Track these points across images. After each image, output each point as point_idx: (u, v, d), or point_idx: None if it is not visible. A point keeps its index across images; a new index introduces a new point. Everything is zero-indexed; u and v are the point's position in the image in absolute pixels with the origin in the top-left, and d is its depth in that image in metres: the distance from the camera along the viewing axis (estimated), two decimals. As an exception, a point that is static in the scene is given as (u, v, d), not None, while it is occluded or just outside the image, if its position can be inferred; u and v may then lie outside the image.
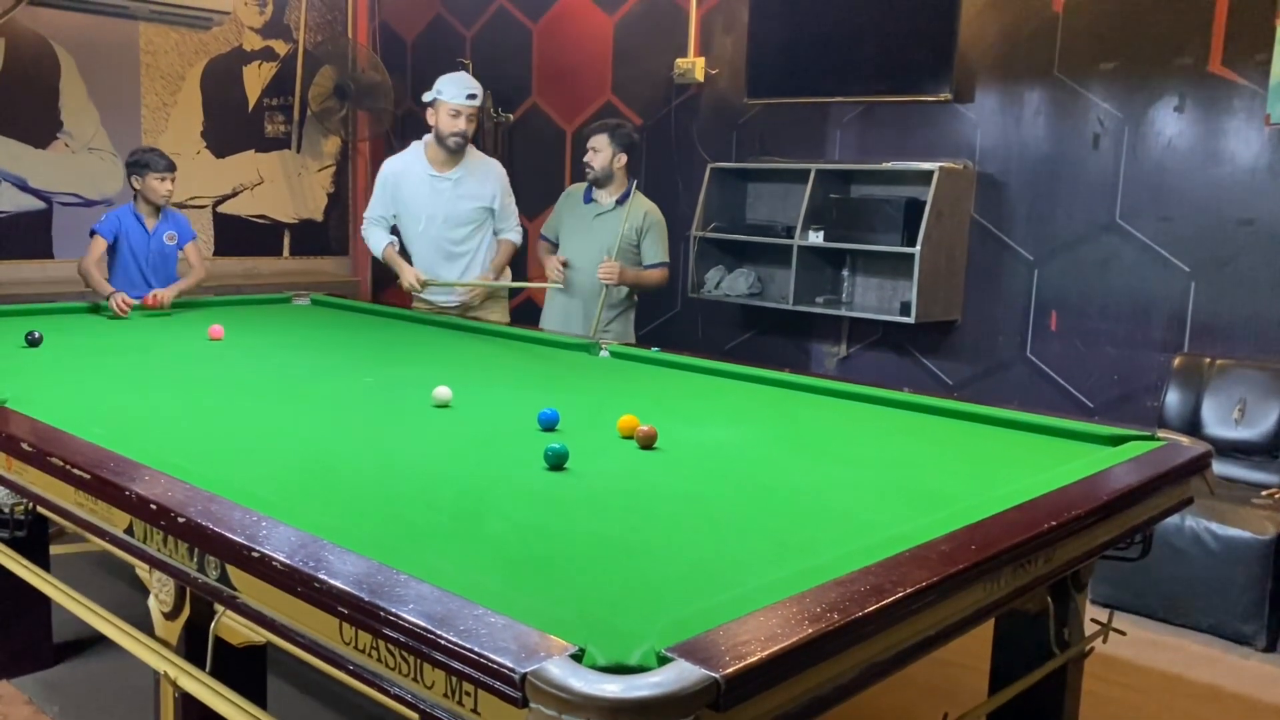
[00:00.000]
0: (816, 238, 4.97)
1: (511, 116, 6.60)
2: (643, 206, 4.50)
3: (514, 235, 4.62)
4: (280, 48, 7.02)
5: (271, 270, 7.05)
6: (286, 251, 7.21)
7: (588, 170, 4.51)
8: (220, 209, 6.89)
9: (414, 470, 2.22)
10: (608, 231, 4.46)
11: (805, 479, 2.28)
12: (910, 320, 4.69)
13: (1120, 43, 4.39)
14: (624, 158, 4.47)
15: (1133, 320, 4.43)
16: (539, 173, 6.51)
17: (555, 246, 4.70)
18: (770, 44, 5.23)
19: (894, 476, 2.32)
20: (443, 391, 2.79)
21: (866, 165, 5.00)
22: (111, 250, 4.56)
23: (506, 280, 4.75)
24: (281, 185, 7.16)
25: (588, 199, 4.58)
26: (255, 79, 6.95)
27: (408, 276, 4.41)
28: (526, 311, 5.97)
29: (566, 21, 6.32)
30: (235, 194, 6.94)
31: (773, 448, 2.57)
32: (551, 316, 4.66)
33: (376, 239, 4.56)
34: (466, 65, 6.52)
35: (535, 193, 6.58)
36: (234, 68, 6.84)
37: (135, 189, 4.55)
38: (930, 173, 4.67)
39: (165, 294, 4.35)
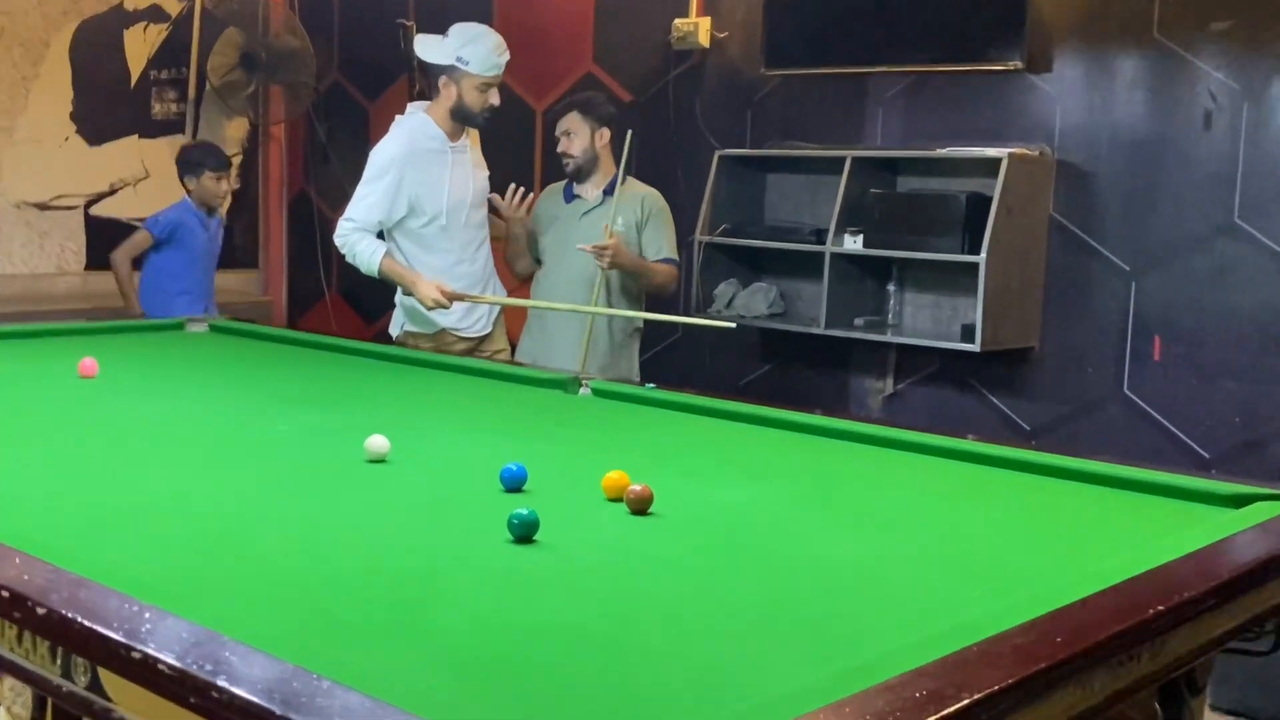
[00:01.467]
0: (854, 243, 4.98)
1: (465, 92, 6.62)
2: (638, 191, 4.51)
3: None
4: (171, 6, 7.07)
5: (159, 288, 7.04)
6: (179, 265, 7.21)
7: (566, 162, 4.53)
8: (94, 210, 6.91)
9: (341, 545, 2.21)
10: (600, 232, 4.45)
11: (843, 552, 2.28)
12: (975, 348, 4.70)
13: (1236, -4, 4.43)
14: (606, 133, 4.50)
15: (1259, 346, 4.44)
16: (503, 163, 6.52)
17: (536, 264, 4.72)
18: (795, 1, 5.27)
19: (956, 549, 2.31)
20: (378, 442, 2.78)
21: (917, 152, 5.03)
22: (158, 250, 5.00)
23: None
24: (172, 180, 7.15)
25: (569, 196, 4.60)
26: (140, 45, 6.98)
27: (429, 291, 4.39)
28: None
29: (535, -28, 6.38)
30: (113, 192, 6.96)
31: (801, 512, 2.56)
32: (529, 346, 4.66)
33: (367, 249, 4.53)
34: (409, 28, 6.55)
35: (496, 186, 6.58)
36: (112, 31, 6.87)
37: (188, 190, 5.17)
38: (997, 161, 4.69)
39: None
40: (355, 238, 4.53)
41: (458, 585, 2.03)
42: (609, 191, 4.48)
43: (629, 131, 4.57)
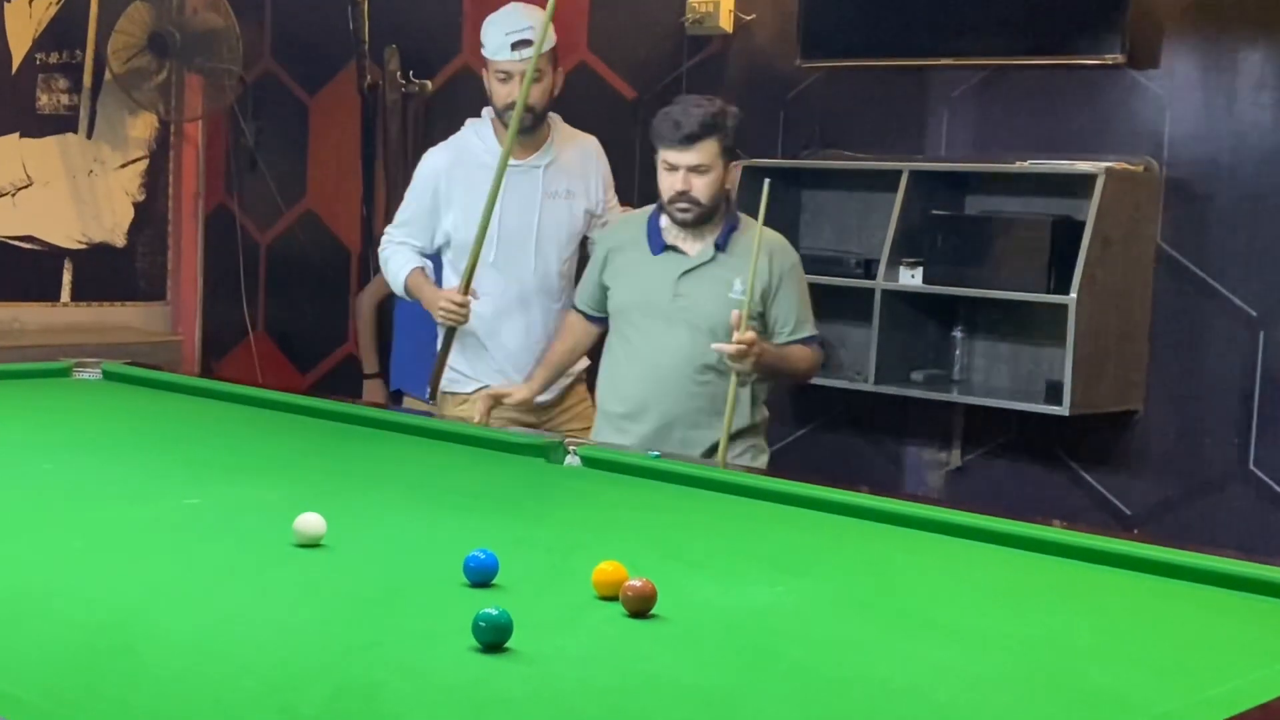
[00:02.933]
0: (912, 278, 4.99)
1: (429, 84, 6.67)
2: (766, 246, 4.00)
3: None
4: (63, -26, 7.11)
5: (42, 324, 7.06)
6: (67, 295, 7.23)
7: (681, 209, 4.04)
8: (-37, 226, 6.93)
9: (264, 653, 2.19)
10: (713, 298, 4.06)
11: (893, 668, 2.26)
12: (1063, 411, 4.70)
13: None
14: (737, 170, 4.21)
15: None
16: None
17: (603, 324, 4.36)
18: (838, -25, 5.31)
19: (1034, 663, 2.30)
20: (311, 521, 2.76)
21: (990, 166, 5.04)
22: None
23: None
24: (62, 189, 7.19)
25: (658, 245, 4.15)
26: (22, 23, 7.02)
27: (439, 297, 4.38)
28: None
29: (517, -63, 6.42)
30: (-12, 203, 6.98)
31: (843, 618, 2.55)
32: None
33: (398, 262, 4.58)
34: (361, 7, 6.59)
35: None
36: (-12, 5, 6.92)
37: None
38: (1092, 178, 4.71)
39: None
40: (390, 250, 4.61)
41: (407, 708, 2.01)
42: (723, 245, 4.09)
43: (767, 180, 3.95)
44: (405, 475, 3.57)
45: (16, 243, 7.06)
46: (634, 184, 5.44)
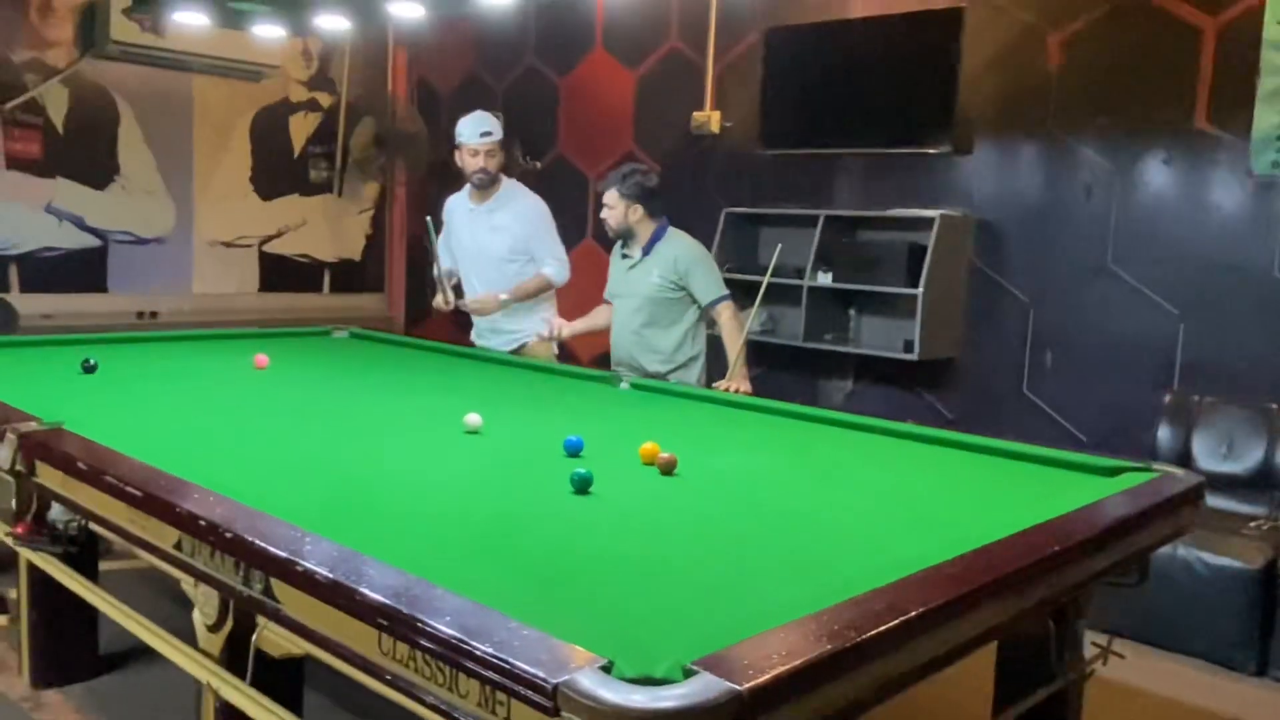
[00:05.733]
0: (826, 279, 4.96)
1: (539, 164, 6.63)
2: (671, 252, 4.00)
3: (549, 269, 4.39)
4: (324, 100, 7.09)
5: (312, 306, 7.07)
6: (326, 288, 7.24)
7: (607, 229, 4.11)
8: (265, 248, 6.94)
9: (448, 491, 2.21)
10: (642, 284, 4.06)
11: (818, 504, 2.26)
12: (914, 357, 4.67)
13: (1111, 99, 4.39)
14: (638, 209, 4.01)
15: (1125, 359, 4.40)
16: (564, 221, 6.51)
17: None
18: (783, 99, 5.25)
19: (902, 503, 2.30)
20: (473, 418, 2.78)
21: (872, 212, 5.00)
22: None
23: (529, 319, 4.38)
24: (323, 227, 7.20)
25: (623, 253, 4.17)
26: (301, 128, 7.01)
27: (436, 299, 4.39)
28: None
29: (591, 77, 6.37)
30: (280, 234, 6.99)
31: (787, 475, 2.55)
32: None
33: (442, 265, 4.50)
34: (498, 110, 6.55)
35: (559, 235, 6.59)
36: (281, 117, 6.90)
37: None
38: (932, 219, 4.67)
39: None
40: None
41: (534, 522, 2.03)
42: (647, 251, 4.02)
43: (779, 245, 4.19)
44: (526, 393, 3.56)
45: (298, 258, 7.08)
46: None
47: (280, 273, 6.98)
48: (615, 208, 4.01)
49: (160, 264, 6.43)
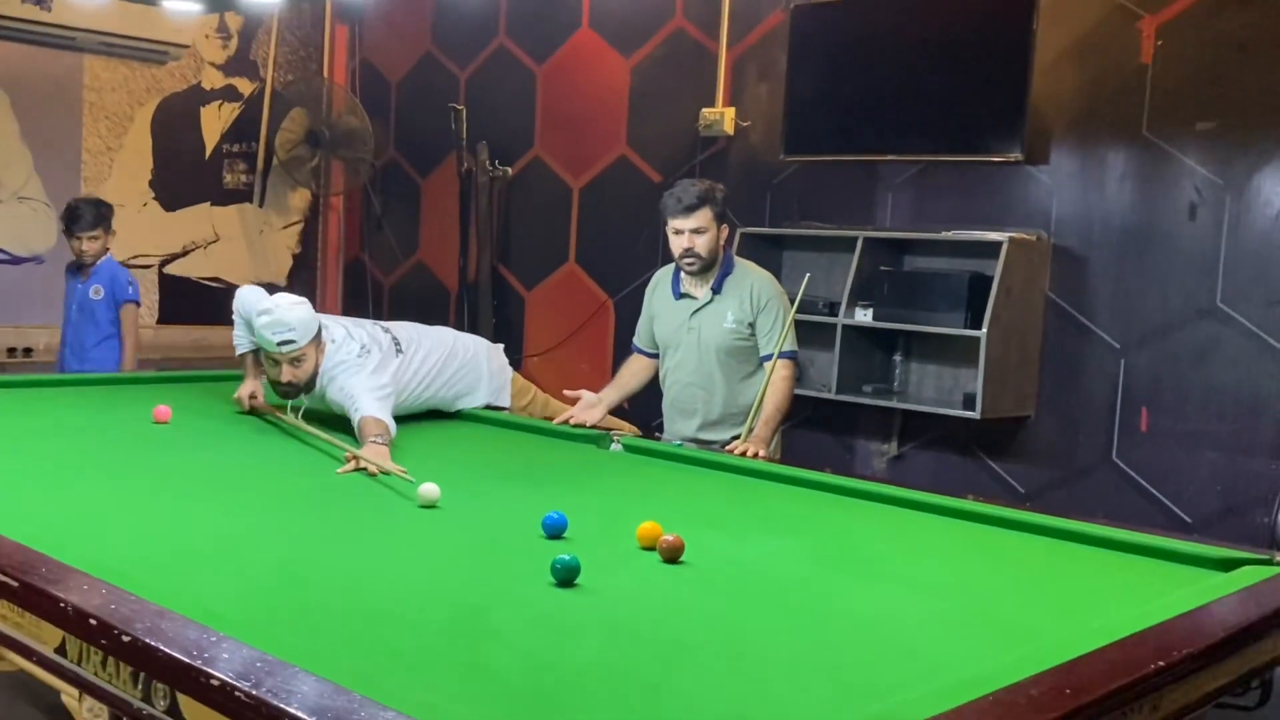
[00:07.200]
0: (864, 316, 4.98)
1: (510, 170, 6.67)
2: (745, 282, 3.96)
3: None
4: (244, 87, 7.15)
5: (226, 342, 7.03)
6: (243, 320, 7.25)
7: (688, 263, 3.93)
8: (167, 269, 6.95)
9: (398, 583, 2.21)
10: (714, 331, 3.96)
11: (859, 604, 2.26)
12: (975, 415, 4.68)
13: (1220, 99, 4.44)
14: (726, 231, 3.99)
15: (1238, 420, 4.41)
16: (540, 236, 6.57)
17: (655, 358, 4.19)
18: (812, 94, 5.30)
19: (964, 603, 2.30)
20: (429, 489, 2.78)
21: (923, 234, 5.03)
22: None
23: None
24: (240, 243, 7.23)
25: (677, 293, 4.05)
26: (214, 122, 7.06)
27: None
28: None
29: (576, 63, 6.44)
30: (186, 253, 7.01)
31: (819, 564, 2.55)
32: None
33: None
34: (460, 112, 6.61)
35: (533, 258, 6.62)
36: (190, 108, 6.96)
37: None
38: (998, 244, 4.70)
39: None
40: None
41: (504, 623, 2.02)
42: (718, 288, 3.97)
43: (807, 275, 4.23)
44: (494, 456, 3.57)
45: (207, 282, 7.10)
46: (657, 246, 5.43)
47: (185, 300, 6.99)
48: (708, 230, 3.89)
49: (36, 289, 6.41)
